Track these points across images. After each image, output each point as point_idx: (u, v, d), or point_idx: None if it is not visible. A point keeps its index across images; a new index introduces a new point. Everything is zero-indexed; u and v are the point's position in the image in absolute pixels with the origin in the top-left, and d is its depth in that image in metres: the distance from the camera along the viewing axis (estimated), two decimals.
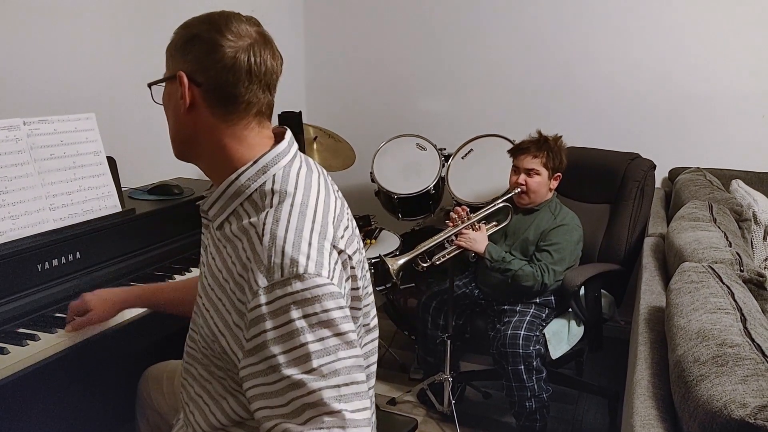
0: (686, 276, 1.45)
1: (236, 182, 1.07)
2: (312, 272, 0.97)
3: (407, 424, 1.53)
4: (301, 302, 0.95)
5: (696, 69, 2.87)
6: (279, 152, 1.09)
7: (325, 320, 0.96)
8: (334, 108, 3.60)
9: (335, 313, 0.97)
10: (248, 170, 1.07)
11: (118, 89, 2.33)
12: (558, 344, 2.28)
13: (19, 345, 1.37)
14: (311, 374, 0.94)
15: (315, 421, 0.93)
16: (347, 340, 0.98)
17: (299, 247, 0.98)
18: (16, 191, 1.53)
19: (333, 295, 0.98)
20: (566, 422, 2.48)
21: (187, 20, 1.10)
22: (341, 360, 0.96)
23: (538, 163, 2.39)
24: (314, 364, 0.94)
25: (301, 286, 0.96)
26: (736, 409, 0.92)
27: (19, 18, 2.00)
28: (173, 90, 1.09)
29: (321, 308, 0.96)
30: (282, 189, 1.06)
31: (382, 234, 2.93)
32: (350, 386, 0.96)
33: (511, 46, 3.18)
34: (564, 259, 2.30)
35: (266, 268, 0.97)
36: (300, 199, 1.05)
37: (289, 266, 0.96)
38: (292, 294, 0.95)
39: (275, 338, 0.95)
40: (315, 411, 0.94)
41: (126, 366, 1.65)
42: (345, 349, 0.97)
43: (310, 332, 0.95)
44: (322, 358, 0.95)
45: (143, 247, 1.86)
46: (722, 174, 2.73)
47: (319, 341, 0.95)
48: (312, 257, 0.98)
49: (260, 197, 1.06)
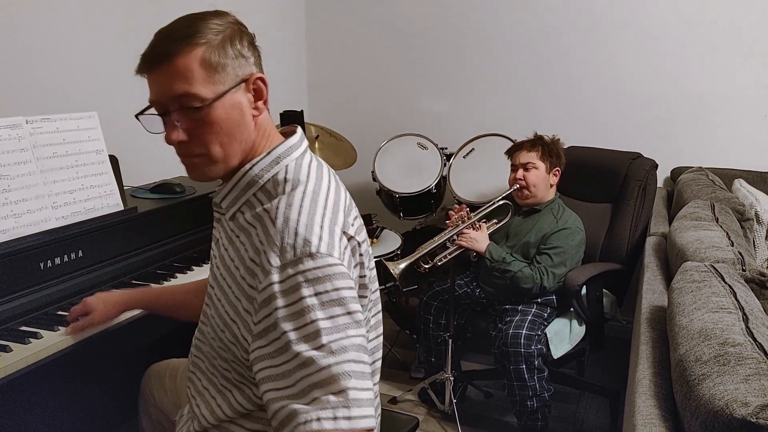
0: (688, 275, 1.45)
1: (249, 173, 1.09)
2: (324, 252, 0.99)
3: (408, 422, 1.53)
4: (313, 280, 0.97)
5: (698, 68, 2.87)
6: (291, 145, 1.12)
7: (336, 298, 0.97)
8: (336, 107, 3.60)
9: (345, 293, 0.99)
10: (262, 161, 1.09)
11: (120, 88, 2.33)
12: (559, 344, 2.28)
13: (21, 343, 1.38)
14: (321, 350, 0.94)
15: (320, 401, 0.93)
16: (356, 319, 0.99)
17: (312, 229, 1.00)
18: (19, 189, 1.54)
19: (343, 275, 0.99)
20: (568, 421, 2.48)
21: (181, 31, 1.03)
22: (350, 338, 0.97)
23: (534, 157, 2.40)
24: (324, 341, 0.95)
25: (312, 264, 0.97)
26: (738, 409, 0.92)
27: (21, 16, 2.00)
28: (237, 98, 1.06)
29: (332, 287, 0.97)
30: (295, 178, 1.08)
31: (384, 233, 2.93)
32: (358, 364, 0.96)
33: (513, 46, 3.19)
34: (564, 263, 2.30)
35: (279, 248, 0.99)
36: (312, 187, 1.07)
37: (302, 246, 0.98)
38: (304, 272, 0.97)
39: (286, 316, 0.97)
40: (321, 391, 0.94)
41: (129, 364, 1.66)
42: (354, 328, 0.98)
43: (321, 310, 0.96)
44: (332, 335, 0.96)
45: (145, 245, 1.86)
46: (724, 173, 2.73)
47: (330, 319, 0.96)
48: (324, 238, 1.00)
49: (273, 186, 1.08)
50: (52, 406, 1.56)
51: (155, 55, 1.03)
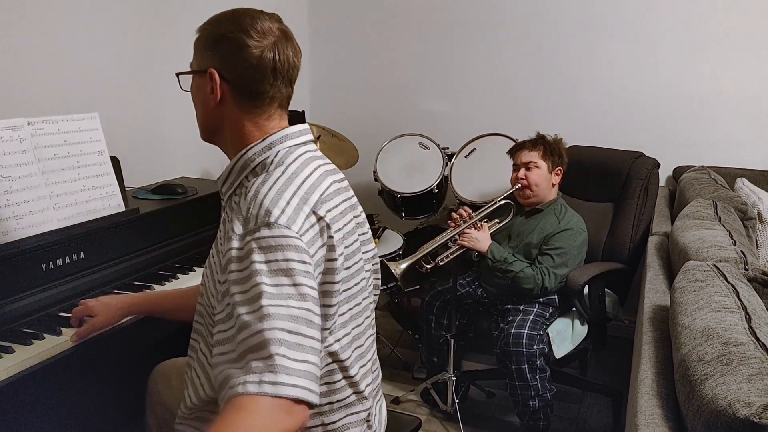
0: (691, 275, 1.45)
1: (244, 157, 1.15)
2: (282, 223, 1.03)
3: (411, 423, 1.53)
4: (266, 248, 1.01)
5: (700, 67, 2.86)
6: (287, 133, 1.17)
7: (285, 269, 1.00)
8: (338, 107, 3.60)
9: (296, 265, 1.01)
10: (256, 146, 1.15)
11: (121, 89, 2.33)
12: (562, 343, 2.27)
13: (24, 344, 1.38)
14: (256, 314, 0.97)
15: (250, 366, 0.95)
16: (301, 292, 1.01)
17: (276, 202, 1.05)
18: (21, 191, 1.54)
19: (297, 248, 1.02)
20: (570, 421, 2.48)
21: (213, 17, 1.16)
22: (290, 308, 0.99)
23: (535, 156, 2.40)
24: (263, 303, 0.97)
25: (268, 233, 1.02)
26: (741, 408, 0.91)
27: (22, 17, 2.00)
28: (202, 83, 1.16)
29: (283, 257, 1.01)
30: (280, 161, 1.14)
31: (386, 233, 2.93)
32: (294, 335, 0.97)
33: (514, 46, 3.18)
34: (566, 264, 2.30)
35: (244, 218, 1.05)
36: (293, 170, 1.12)
37: (263, 216, 1.03)
38: (258, 239, 1.01)
39: (237, 279, 1.01)
40: (253, 355, 0.95)
41: (134, 363, 1.66)
42: (297, 300, 1.00)
43: (268, 276, 0.99)
44: (272, 300, 0.98)
45: (147, 246, 1.86)
46: (727, 172, 2.72)
47: (274, 286, 0.99)
48: (286, 212, 1.05)
49: (261, 168, 1.14)
50: (56, 405, 1.56)
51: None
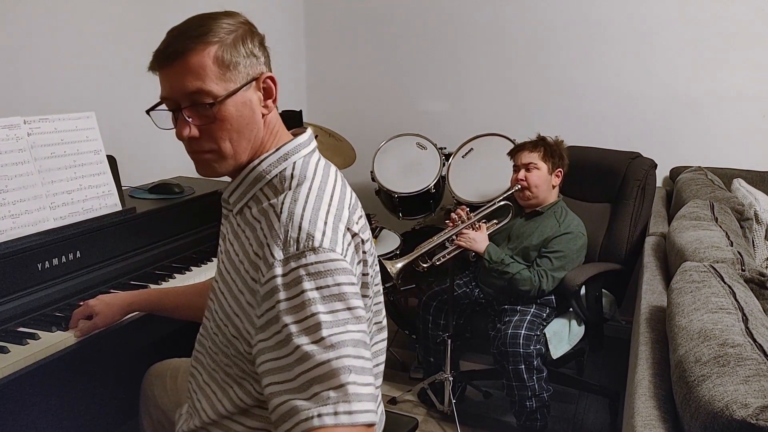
0: (687, 275, 1.45)
1: (257, 168, 1.11)
2: (327, 247, 1.00)
3: (408, 423, 1.53)
4: (315, 274, 0.98)
5: (697, 68, 2.87)
6: (300, 143, 1.14)
7: (337, 293, 0.98)
8: (335, 107, 3.60)
9: (347, 288, 0.99)
10: (270, 157, 1.11)
11: (118, 88, 2.33)
12: (559, 344, 2.27)
13: (19, 344, 1.37)
14: (319, 344, 0.95)
15: (321, 397, 0.94)
16: (357, 315, 1.00)
17: (315, 224, 1.02)
18: (17, 190, 1.53)
19: (345, 271, 1.00)
20: (567, 422, 2.48)
21: (188, 32, 1.05)
22: (350, 332, 0.97)
23: (536, 157, 2.40)
24: (324, 334, 0.95)
25: (315, 258, 0.98)
26: (737, 410, 0.91)
27: (19, 17, 1.99)
28: (248, 96, 1.08)
29: (333, 281, 0.98)
30: (301, 174, 1.10)
31: (383, 233, 2.93)
32: (358, 359, 0.97)
33: (512, 45, 3.18)
34: (564, 267, 2.30)
35: (282, 242, 1.01)
36: (318, 184, 1.09)
37: (305, 240, 1.00)
38: (306, 266, 0.98)
39: (288, 309, 0.97)
40: (321, 386, 0.94)
41: (129, 364, 1.65)
42: (354, 324, 0.99)
43: (322, 303, 0.97)
44: (331, 329, 0.96)
45: (144, 246, 1.86)
46: (723, 173, 2.73)
47: (330, 313, 0.97)
48: (327, 234, 1.02)
49: (280, 181, 1.10)
50: (51, 406, 1.55)
51: (169, 52, 1.05)
